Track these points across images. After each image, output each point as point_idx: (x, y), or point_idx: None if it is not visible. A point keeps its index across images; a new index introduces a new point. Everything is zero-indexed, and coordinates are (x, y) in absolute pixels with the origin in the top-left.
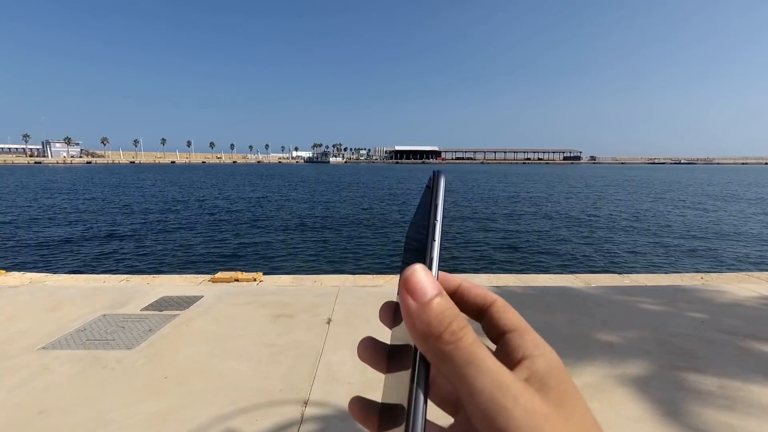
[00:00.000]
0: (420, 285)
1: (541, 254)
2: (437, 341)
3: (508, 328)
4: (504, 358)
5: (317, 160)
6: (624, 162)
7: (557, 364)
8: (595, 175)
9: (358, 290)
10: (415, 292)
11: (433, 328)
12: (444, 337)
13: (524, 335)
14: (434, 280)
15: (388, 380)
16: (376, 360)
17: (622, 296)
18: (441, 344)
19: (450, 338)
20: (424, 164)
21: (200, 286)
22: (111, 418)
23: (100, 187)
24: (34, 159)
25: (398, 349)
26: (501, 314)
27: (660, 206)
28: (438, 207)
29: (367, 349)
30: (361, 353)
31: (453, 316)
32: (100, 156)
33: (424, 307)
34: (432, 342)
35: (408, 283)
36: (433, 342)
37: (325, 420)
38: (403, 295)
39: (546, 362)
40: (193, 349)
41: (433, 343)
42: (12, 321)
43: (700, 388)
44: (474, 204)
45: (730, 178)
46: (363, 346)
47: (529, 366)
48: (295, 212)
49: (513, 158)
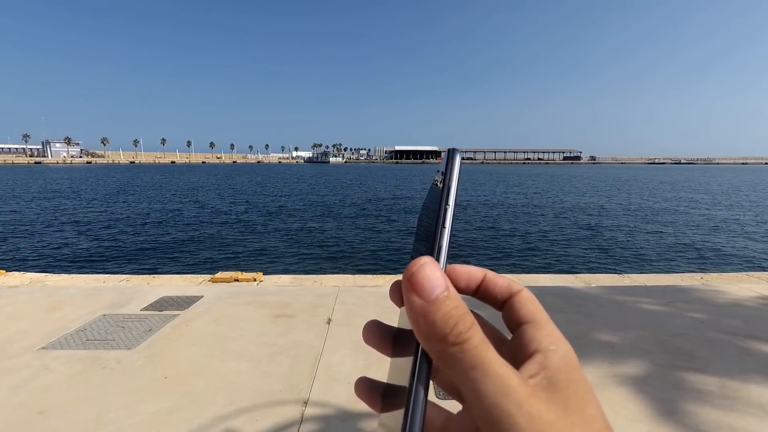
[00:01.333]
0: (427, 281)
1: (541, 254)
2: (441, 343)
3: (526, 319)
4: (517, 350)
5: (317, 160)
6: (624, 162)
7: (571, 361)
8: (595, 175)
9: (358, 290)
10: (422, 288)
11: (437, 329)
12: (449, 339)
13: (541, 328)
14: (442, 275)
15: (394, 363)
16: (381, 344)
17: (622, 296)
18: (445, 346)
19: (455, 340)
20: (424, 164)
21: (200, 286)
22: (111, 419)
23: (100, 188)
24: (34, 159)
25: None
26: (522, 305)
27: (660, 206)
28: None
29: (373, 333)
30: (366, 336)
31: (459, 316)
32: (100, 156)
33: (430, 305)
34: (436, 343)
35: (414, 278)
36: (437, 343)
37: (325, 420)
38: (407, 291)
39: (559, 358)
40: (193, 349)
41: (437, 344)
42: (12, 321)
43: (699, 388)
44: (474, 204)
45: (730, 178)
46: (368, 330)
47: (541, 361)
48: (295, 212)
49: (513, 158)
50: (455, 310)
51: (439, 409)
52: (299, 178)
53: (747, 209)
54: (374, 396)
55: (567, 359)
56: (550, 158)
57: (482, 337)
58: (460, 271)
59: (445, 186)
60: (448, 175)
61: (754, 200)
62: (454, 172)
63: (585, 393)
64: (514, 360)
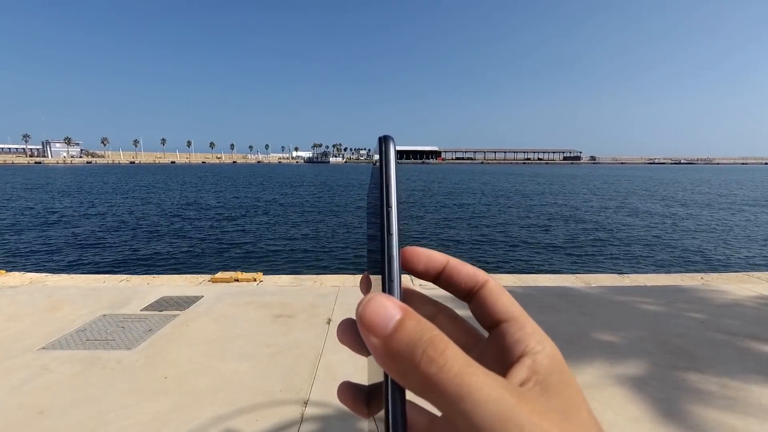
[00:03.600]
0: (377, 317)
1: (542, 254)
2: (417, 376)
3: (503, 316)
4: (500, 352)
5: (317, 160)
6: (624, 162)
7: (559, 360)
8: (596, 175)
9: (358, 290)
10: (375, 326)
11: (405, 360)
12: (422, 369)
13: (523, 326)
14: (394, 303)
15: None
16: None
17: (622, 296)
18: (422, 377)
19: (429, 369)
20: (425, 164)
21: (200, 286)
22: (111, 418)
23: (101, 188)
24: (34, 159)
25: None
26: (495, 299)
27: (660, 206)
28: (391, 187)
29: (347, 332)
30: (340, 336)
31: (426, 339)
32: (100, 156)
33: (388, 341)
34: (410, 376)
35: (364, 318)
36: (411, 376)
37: (325, 420)
38: (364, 334)
39: (548, 360)
40: (193, 349)
41: (412, 376)
42: (12, 321)
43: (699, 388)
44: (474, 204)
45: (731, 178)
46: (342, 330)
47: (530, 365)
48: (295, 212)
49: (513, 158)
50: (418, 333)
51: (420, 410)
52: (299, 178)
53: (747, 209)
54: (359, 402)
55: (555, 359)
56: (550, 158)
57: (463, 358)
58: (420, 253)
59: (383, 185)
60: (385, 170)
61: (755, 200)
62: (391, 165)
63: (577, 395)
64: (499, 363)
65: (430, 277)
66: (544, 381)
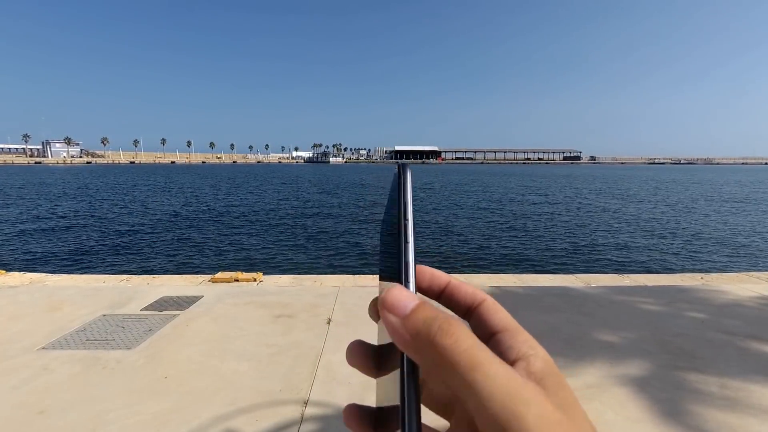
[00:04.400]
0: (398, 301)
1: (542, 254)
2: (431, 346)
3: (498, 328)
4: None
5: (317, 160)
6: (624, 162)
7: (552, 365)
8: (596, 175)
9: (358, 290)
10: (395, 308)
11: (422, 334)
12: (437, 339)
13: (516, 335)
14: (411, 293)
15: (381, 383)
16: (366, 364)
17: (622, 296)
18: (436, 347)
19: (443, 339)
20: (425, 164)
21: (200, 286)
22: (111, 418)
23: (101, 188)
24: (34, 159)
25: (386, 348)
26: (491, 314)
27: (660, 206)
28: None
29: (356, 354)
30: (349, 359)
31: (442, 318)
32: (100, 156)
33: (407, 319)
34: (426, 350)
35: (386, 302)
36: (427, 349)
37: (325, 420)
38: (384, 314)
39: (542, 363)
40: (193, 349)
41: (428, 350)
42: (12, 321)
43: (700, 389)
44: (474, 204)
45: (732, 178)
46: (351, 352)
47: (525, 367)
48: (296, 212)
49: (513, 158)
50: (434, 313)
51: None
52: (299, 178)
53: (747, 209)
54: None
55: (548, 363)
56: (550, 158)
57: (474, 337)
58: (425, 271)
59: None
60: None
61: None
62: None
63: (571, 397)
64: None
65: (433, 294)
66: (541, 382)
